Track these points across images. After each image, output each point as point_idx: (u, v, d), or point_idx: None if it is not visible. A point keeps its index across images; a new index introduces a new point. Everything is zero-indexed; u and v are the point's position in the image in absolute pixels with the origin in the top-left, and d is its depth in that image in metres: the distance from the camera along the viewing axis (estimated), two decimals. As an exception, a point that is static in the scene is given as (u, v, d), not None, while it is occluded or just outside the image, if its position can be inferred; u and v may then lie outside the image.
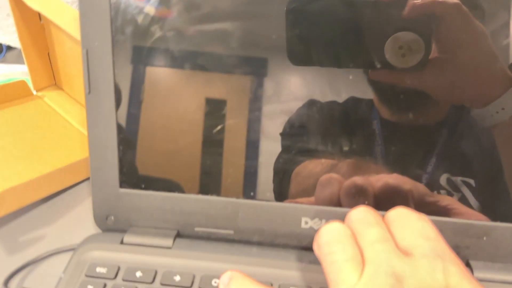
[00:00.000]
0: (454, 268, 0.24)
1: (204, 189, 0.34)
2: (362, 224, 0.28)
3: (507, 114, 0.30)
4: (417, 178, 0.32)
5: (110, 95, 0.33)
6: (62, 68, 0.52)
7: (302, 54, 0.31)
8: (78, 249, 0.34)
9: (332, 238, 0.27)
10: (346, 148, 0.32)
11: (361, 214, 0.29)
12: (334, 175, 0.33)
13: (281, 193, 0.34)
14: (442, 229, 0.32)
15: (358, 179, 0.33)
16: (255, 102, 0.32)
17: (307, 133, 0.32)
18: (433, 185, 0.32)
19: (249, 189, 0.34)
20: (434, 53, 0.30)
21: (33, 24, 0.49)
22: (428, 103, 0.31)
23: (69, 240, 0.38)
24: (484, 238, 0.32)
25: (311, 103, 0.32)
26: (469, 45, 0.30)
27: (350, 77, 0.31)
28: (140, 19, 0.32)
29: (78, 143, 0.45)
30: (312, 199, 0.34)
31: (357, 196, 0.33)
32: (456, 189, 0.32)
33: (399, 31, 0.30)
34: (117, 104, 0.33)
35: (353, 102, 0.31)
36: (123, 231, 0.36)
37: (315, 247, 0.29)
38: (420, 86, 0.31)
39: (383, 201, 0.32)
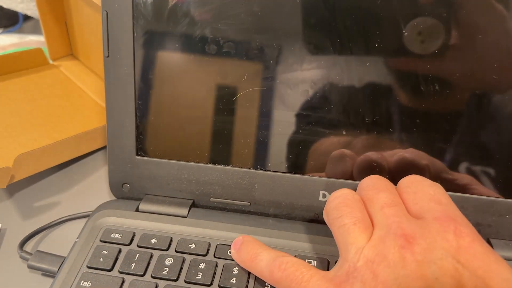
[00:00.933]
0: (466, 230, 0.24)
1: (221, 159, 0.34)
2: (371, 190, 0.27)
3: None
4: (445, 158, 0.31)
5: (129, 60, 0.33)
6: (79, 38, 0.51)
7: (319, 43, 0.30)
8: (93, 215, 0.34)
9: (340, 203, 0.27)
10: (363, 135, 0.32)
11: (371, 181, 0.28)
12: (346, 151, 0.32)
13: (299, 166, 0.33)
14: (464, 206, 0.32)
15: (372, 154, 0.32)
16: (284, 68, 0.32)
17: (324, 114, 0.32)
18: (465, 167, 0.32)
19: (266, 160, 0.33)
20: (454, 38, 0.29)
21: (51, -9, 0.49)
22: (448, 89, 0.30)
23: (83, 207, 0.38)
24: (507, 216, 0.31)
25: (329, 87, 0.31)
26: (490, 29, 0.29)
27: (368, 64, 0.30)
28: (161, -18, 0.31)
29: (93, 113, 0.45)
30: (323, 174, 0.33)
31: (371, 171, 0.32)
32: (476, 177, 0.31)
33: (418, 17, 0.29)
34: (136, 69, 0.33)
35: (371, 88, 0.31)
36: (138, 199, 0.35)
37: (324, 214, 0.28)
38: (439, 73, 0.30)
39: (397, 176, 0.32)
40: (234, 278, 0.29)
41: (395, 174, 0.32)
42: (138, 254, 0.31)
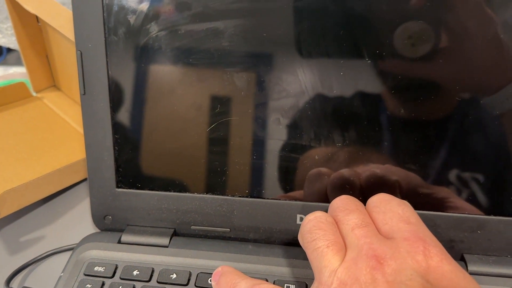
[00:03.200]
0: (435, 249, 0.25)
1: (200, 188, 0.35)
2: (342, 211, 0.28)
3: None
4: (421, 172, 0.32)
5: (105, 96, 0.33)
6: (61, 69, 0.52)
7: (310, 46, 0.31)
8: (76, 249, 0.35)
9: (313, 226, 0.28)
10: (352, 144, 0.32)
11: (341, 202, 0.29)
12: (323, 169, 0.33)
13: (275, 191, 0.34)
14: (437, 224, 0.32)
15: (345, 171, 0.33)
16: (256, 98, 0.32)
17: (310, 129, 0.32)
18: (441, 181, 0.32)
19: (243, 187, 0.34)
20: (444, 42, 0.30)
21: (31, 26, 0.50)
22: (437, 93, 0.30)
23: (69, 239, 0.38)
24: (479, 232, 0.32)
25: (317, 98, 0.32)
26: (479, 32, 0.29)
27: (358, 69, 0.31)
28: (132, 19, 0.32)
29: (77, 144, 0.46)
30: (301, 192, 0.34)
31: (345, 189, 0.33)
32: (465, 184, 0.32)
33: (408, 21, 0.29)
34: (112, 104, 0.34)
35: (361, 96, 0.31)
36: (121, 230, 0.36)
37: (299, 237, 0.29)
38: (429, 76, 0.30)
39: (371, 193, 0.32)
40: (215, 307, 0.30)
41: (368, 191, 0.33)
42: (120, 287, 0.31)
